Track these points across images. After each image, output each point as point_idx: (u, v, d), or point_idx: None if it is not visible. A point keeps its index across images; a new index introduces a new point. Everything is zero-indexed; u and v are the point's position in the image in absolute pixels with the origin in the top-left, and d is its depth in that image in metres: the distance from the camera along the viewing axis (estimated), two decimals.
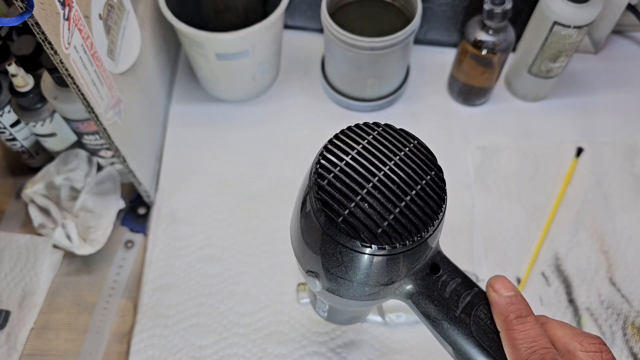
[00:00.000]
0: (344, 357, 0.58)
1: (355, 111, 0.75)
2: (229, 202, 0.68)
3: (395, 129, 0.33)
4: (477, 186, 0.69)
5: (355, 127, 0.33)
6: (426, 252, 0.33)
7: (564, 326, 0.31)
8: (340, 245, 0.30)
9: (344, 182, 0.30)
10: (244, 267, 0.64)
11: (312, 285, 0.35)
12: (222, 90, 0.75)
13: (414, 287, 0.34)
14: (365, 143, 0.32)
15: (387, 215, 0.30)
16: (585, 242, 0.65)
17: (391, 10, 0.71)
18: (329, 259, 0.32)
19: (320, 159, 0.31)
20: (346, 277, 0.32)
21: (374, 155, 0.32)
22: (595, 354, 0.29)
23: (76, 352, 0.59)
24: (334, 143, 0.32)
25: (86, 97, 0.49)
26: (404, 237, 0.30)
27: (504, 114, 0.75)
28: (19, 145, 0.66)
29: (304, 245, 0.34)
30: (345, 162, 0.31)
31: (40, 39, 0.42)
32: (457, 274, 0.34)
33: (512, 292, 0.32)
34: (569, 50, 0.67)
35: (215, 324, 0.60)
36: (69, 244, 0.62)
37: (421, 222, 0.30)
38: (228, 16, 0.78)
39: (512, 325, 0.30)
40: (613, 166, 0.71)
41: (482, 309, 0.33)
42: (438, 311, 0.34)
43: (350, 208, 0.30)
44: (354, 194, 0.30)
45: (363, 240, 0.29)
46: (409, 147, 0.32)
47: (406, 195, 0.30)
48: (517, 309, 0.31)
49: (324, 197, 0.30)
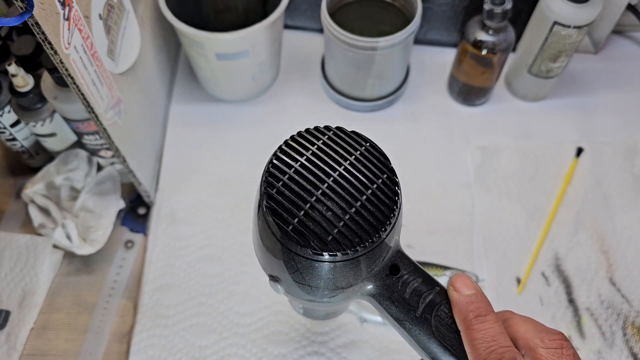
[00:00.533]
0: (344, 357, 0.58)
1: (355, 111, 0.75)
2: (229, 202, 0.68)
3: (347, 132, 0.33)
4: (477, 186, 0.69)
5: (305, 132, 0.33)
6: (383, 254, 0.33)
7: (527, 322, 0.31)
8: (293, 253, 0.30)
9: (293, 190, 0.30)
10: (244, 267, 0.64)
11: (274, 289, 0.35)
12: (222, 90, 0.75)
13: (375, 289, 0.34)
14: (315, 148, 0.32)
15: (337, 222, 0.30)
16: (585, 242, 0.65)
17: (391, 10, 0.71)
18: (285, 266, 0.32)
19: (269, 167, 0.31)
20: (304, 283, 0.32)
21: (323, 160, 0.31)
22: (555, 350, 0.29)
23: (76, 352, 0.59)
24: (284, 150, 0.32)
25: (86, 97, 0.49)
26: (354, 243, 0.29)
27: (504, 114, 0.75)
28: (19, 145, 0.66)
29: (263, 251, 0.34)
30: (294, 170, 0.31)
31: (40, 39, 0.42)
32: (418, 274, 0.34)
33: (473, 290, 0.31)
34: (569, 50, 0.67)
35: (215, 324, 0.60)
36: (69, 244, 0.62)
37: (372, 227, 0.30)
38: (228, 16, 0.78)
39: (472, 325, 0.30)
40: (613, 166, 0.71)
41: (444, 308, 0.32)
42: (399, 311, 0.33)
43: (299, 216, 0.29)
44: (302, 202, 0.30)
45: (314, 248, 0.29)
46: (360, 151, 0.32)
47: (357, 200, 0.30)
48: (476, 308, 0.31)
49: (273, 206, 0.30)
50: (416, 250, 0.65)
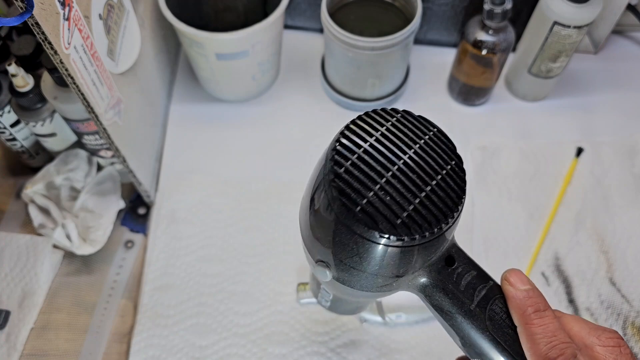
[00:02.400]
0: (344, 357, 0.58)
1: (355, 111, 0.75)
2: (229, 202, 0.68)
3: (415, 116, 0.32)
4: (477, 186, 0.69)
5: (373, 113, 0.32)
6: (443, 245, 0.32)
7: (579, 321, 0.31)
8: (357, 236, 0.29)
9: (362, 170, 0.29)
10: (244, 267, 0.64)
11: (321, 275, 0.34)
12: (222, 90, 0.75)
13: (428, 280, 0.33)
14: (384, 130, 0.31)
15: (407, 205, 0.29)
16: (585, 242, 0.65)
17: (391, 10, 0.71)
18: (342, 249, 0.30)
19: (336, 145, 0.30)
20: (359, 268, 0.31)
21: (393, 142, 0.30)
22: (613, 349, 0.29)
23: (76, 352, 0.59)
24: (351, 129, 0.30)
25: (86, 97, 0.49)
26: (423, 229, 0.29)
27: (504, 114, 0.75)
28: (19, 145, 0.66)
29: (316, 235, 0.32)
30: (363, 149, 0.30)
31: (40, 39, 0.42)
32: (473, 267, 0.33)
33: (529, 285, 0.31)
34: (569, 50, 0.67)
35: (215, 324, 0.60)
36: (69, 244, 0.62)
37: (441, 213, 0.29)
38: (228, 16, 0.78)
39: (531, 320, 0.30)
40: (613, 166, 0.71)
41: (498, 303, 0.32)
42: (452, 304, 0.32)
43: (368, 197, 0.28)
44: (372, 183, 0.29)
45: (381, 231, 0.28)
46: (429, 135, 0.31)
47: (426, 185, 0.29)
48: (534, 303, 0.30)
49: (341, 186, 0.29)
50: None
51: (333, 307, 0.46)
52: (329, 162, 0.30)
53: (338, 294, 0.42)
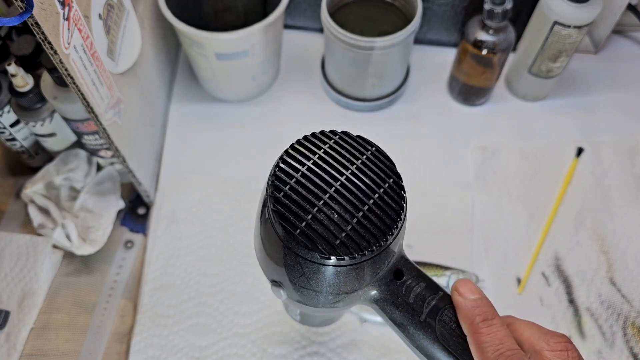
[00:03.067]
0: (344, 357, 0.58)
1: (355, 111, 0.75)
2: (229, 202, 0.68)
3: (353, 137, 0.33)
4: (477, 186, 0.69)
5: (311, 137, 0.33)
6: (388, 259, 0.33)
7: (530, 326, 0.31)
8: (300, 257, 0.30)
9: (300, 194, 0.30)
10: (244, 267, 0.64)
11: (277, 294, 0.35)
12: (222, 90, 0.75)
13: (378, 293, 0.34)
14: (322, 152, 0.32)
15: (345, 226, 0.29)
16: (585, 242, 0.65)
17: (391, 10, 0.71)
18: (290, 270, 0.31)
19: (276, 170, 0.31)
20: (309, 287, 0.32)
21: (330, 164, 0.31)
22: (561, 353, 0.29)
23: (76, 352, 0.59)
24: (290, 154, 0.32)
25: (86, 97, 0.49)
26: (362, 247, 0.29)
27: (504, 114, 0.75)
28: (19, 145, 0.66)
29: (266, 256, 0.33)
30: (301, 173, 0.31)
31: (40, 38, 0.42)
32: (422, 279, 0.34)
33: (478, 295, 0.32)
34: (569, 50, 0.67)
35: (215, 324, 0.60)
36: (69, 244, 0.62)
37: (379, 231, 0.30)
38: (228, 16, 0.78)
39: (479, 329, 0.30)
40: (613, 166, 0.70)
41: (447, 313, 0.32)
42: (403, 316, 0.33)
43: (307, 220, 0.29)
44: (310, 206, 0.30)
45: (321, 252, 0.29)
46: (366, 155, 0.32)
47: (364, 204, 0.30)
48: (482, 312, 0.31)
49: (281, 210, 0.30)
50: (416, 250, 0.65)
51: (304, 320, 0.47)
52: (269, 188, 0.31)
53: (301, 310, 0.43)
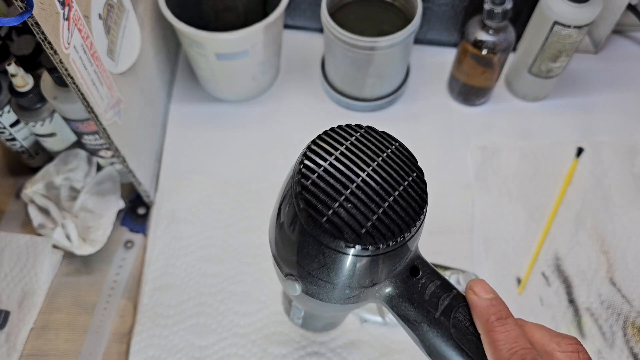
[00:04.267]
0: (344, 357, 0.58)
1: (355, 111, 0.75)
2: (229, 202, 0.68)
3: (378, 132, 0.34)
4: (477, 186, 0.69)
5: (338, 129, 0.33)
6: (407, 255, 0.33)
7: (540, 328, 0.32)
8: (323, 246, 0.30)
9: (328, 183, 0.30)
10: (244, 267, 0.64)
11: (291, 289, 0.35)
12: (222, 90, 0.75)
13: (394, 290, 0.34)
14: (349, 144, 0.32)
15: (371, 215, 0.30)
16: (585, 242, 0.65)
17: (391, 10, 0.71)
18: (310, 261, 0.32)
19: (303, 159, 0.31)
20: (327, 279, 0.32)
21: (357, 156, 0.32)
22: (572, 354, 0.30)
23: (76, 352, 0.59)
24: (317, 144, 0.32)
25: (86, 97, 0.49)
26: (387, 238, 0.30)
27: (504, 114, 0.75)
28: (19, 145, 0.66)
29: (284, 248, 0.34)
30: (329, 163, 0.31)
31: (40, 38, 0.42)
32: (436, 277, 0.34)
33: (492, 294, 0.32)
34: (569, 50, 0.67)
35: (215, 324, 0.60)
36: (69, 244, 0.62)
37: (404, 223, 0.30)
38: (228, 16, 0.78)
39: (494, 327, 0.31)
40: (613, 166, 0.70)
41: (461, 311, 0.33)
42: (418, 313, 0.34)
43: (334, 208, 0.30)
44: (337, 195, 0.30)
45: (347, 241, 0.29)
46: (391, 149, 0.33)
47: (389, 196, 0.31)
48: (497, 311, 0.31)
49: (308, 197, 0.30)
50: None
51: (305, 324, 0.47)
52: (296, 175, 0.31)
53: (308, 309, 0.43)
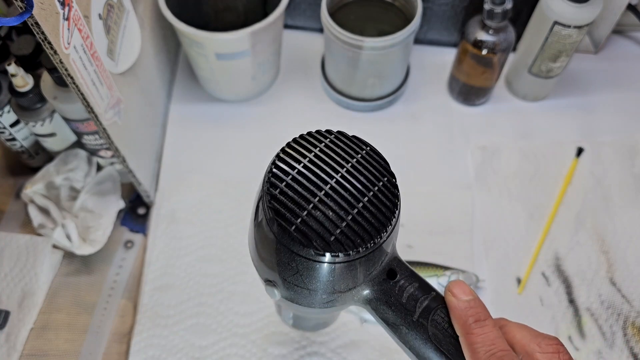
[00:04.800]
0: (344, 357, 0.58)
1: (355, 111, 0.75)
2: (229, 202, 0.68)
3: (348, 136, 0.33)
4: (477, 186, 0.69)
5: (307, 135, 0.33)
6: (382, 258, 0.33)
7: (522, 328, 0.32)
8: (294, 254, 0.30)
9: (296, 191, 0.30)
10: (244, 267, 0.64)
11: (270, 294, 0.35)
12: (222, 90, 0.75)
13: (372, 293, 0.34)
14: (317, 151, 0.32)
15: (340, 222, 0.30)
16: (585, 242, 0.65)
17: (391, 10, 0.71)
18: (284, 268, 0.32)
19: (272, 167, 0.31)
20: (303, 286, 0.32)
21: (326, 163, 0.32)
22: (552, 355, 0.30)
23: (76, 352, 0.59)
24: (286, 152, 0.32)
25: (86, 97, 0.49)
26: (356, 244, 0.30)
27: (504, 114, 0.75)
28: (19, 145, 0.66)
29: (260, 255, 0.34)
30: (297, 171, 0.31)
31: (40, 38, 0.42)
32: (415, 279, 0.34)
33: (471, 296, 0.32)
34: (569, 50, 0.67)
35: (215, 324, 0.60)
36: (69, 244, 0.62)
37: (374, 229, 0.30)
38: (228, 16, 0.78)
39: (471, 329, 0.31)
40: (613, 166, 0.70)
41: (440, 313, 0.33)
42: (396, 316, 0.33)
43: (302, 217, 0.30)
44: (306, 202, 0.30)
45: (316, 249, 0.29)
46: (361, 154, 0.32)
47: (358, 202, 0.31)
48: (475, 313, 0.31)
49: (276, 206, 0.30)
50: (416, 250, 0.65)
51: (296, 324, 0.47)
52: (265, 184, 0.31)
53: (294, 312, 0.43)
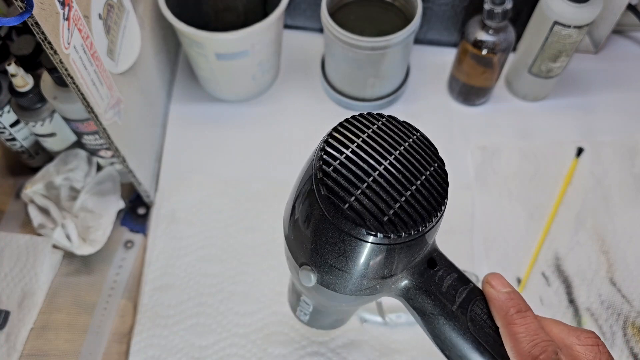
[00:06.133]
0: (344, 357, 0.58)
1: (355, 111, 0.75)
2: (229, 202, 0.68)
3: (399, 121, 0.33)
4: (477, 186, 0.69)
5: (360, 117, 0.33)
6: (425, 246, 0.33)
7: (558, 323, 0.32)
8: (344, 234, 0.30)
9: (350, 170, 0.30)
10: (244, 267, 0.64)
11: (305, 280, 0.34)
12: (222, 90, 0.75)
13: (411, 282, 0.34)
14: (370, 132, 0.32)
15: (393, 203, 0.29)
16: (585, 242, 0.65)
17: (391, 10, 0.71)
18: (329, 249, 0.31)
19: (324, 145, 0.31)
20: (345, 269, 0.32)
21: (379, 144, 0.31)
22: (592, 347, 0.30)
23: (76, 352, 0.59)
24: (339, 130, 0.32)
25: (86, 97, 0.49)
26: (409, 226, 0.29)
27: (504, 114, 0.75)
28: (19, 145, 0.66)
29: (301, 237, 0.33)
30: (350, 150, 0.31)
31: (40, 38, 0.42)
32: (453, 270, 0.34)
33: (509, 288, 0.32)
34: (569, 50, 0.67)
35: (215, 324, 0.60)
36: (69, 244, 0.62)
37: (426, 212, 0.30)
38: (228, 16, 0.78)
39: (513, 320, 0.31)
40: (613, 166, 0.70)
41: (479, 305, 0.33)
42: (435, 306, 0.33)
43: (356, 195, 0.29)
44: (359, 182, 0.30)
45: (369, 228, 0.29)
46: (413, 139, 0.32)
47: (411, 185, 0.30)
48: (516, 304, 0.31)
49: (330, 184, 0.29)
50: None
51: (312, 321, 0.47)
52: (317, 162, 0.30)
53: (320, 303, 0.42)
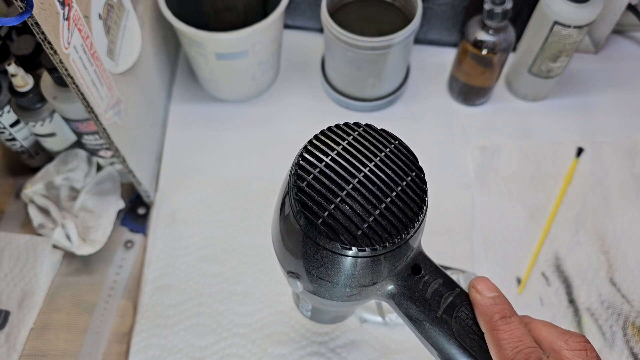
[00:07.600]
0: (344, 357, 0.58)
1: (355, 111, 0.75)
2: (229, 202, 0.68)
3: (376, 130, 0.33)
4: (477, 186, 0.69)
5: (336, 128, 0.33)
6: (407, 253, 0.33)
7: (547, 326, 0.32)
8: (320, 247, 0.30)
9: (324, 184, 0.30)
10: (244, 267, 0.64)
11: (293, 286, 0.35)
12: (222, 90, 0.75)
13: (396, 288, 0.34)
14: (346, 144, 0.32)
15: (367, 217, 0.29)
16: (585, 242, 0.65)
17: (391, 10, 0.71)
18: (309, 261, 0.31)
19: (299, 160, 0.31)
20: (327, 279, 0.32)
21: (354, 156, 0.31)
22: (580, 352, 0.30)
23: (76, 352, 0.59)
24: (314, 144, 0.32)
25: (86, 97, 0.49)
26: (383, 239, 0.29)
27: (504, 114, 0.75)
28: (19, 145, 0.66)
29: (285, 247, 0.33)
30: (324, 164, 0.31)
31: (40, 38, 0.42)
32: (439, 275, 0.34)
33: (495, 292, 0.32)
34: (569, 50, 0.67)
35: (215, 324, 0.60)
36: (69, 244, 0.62)
37: (401, 224, 0.30)
38: (228, 16, 0.78)
39: (497, 326, 0.30)
40: (613, 166, 0.70)
41: (464, 310, 0.33)
42: (420, 312, 0.33)
43: (329, 210, 0.29)
44: (333, 196, 0.30)
45: (343, 242, 0.29)
46: (390, 148, 0.32)
47: (386, 196, 0.30)
48: (501, 310, 0.31)
49: (303, 199, 0.30)
50: None
51: (314, 317, 0.47)
52: (292, 176, 0.31)
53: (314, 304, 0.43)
